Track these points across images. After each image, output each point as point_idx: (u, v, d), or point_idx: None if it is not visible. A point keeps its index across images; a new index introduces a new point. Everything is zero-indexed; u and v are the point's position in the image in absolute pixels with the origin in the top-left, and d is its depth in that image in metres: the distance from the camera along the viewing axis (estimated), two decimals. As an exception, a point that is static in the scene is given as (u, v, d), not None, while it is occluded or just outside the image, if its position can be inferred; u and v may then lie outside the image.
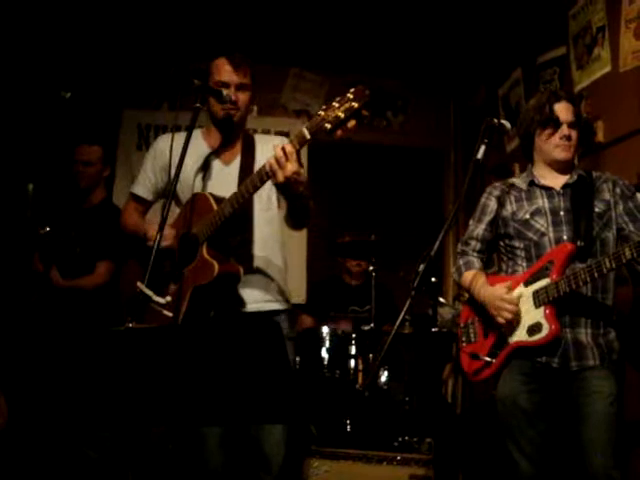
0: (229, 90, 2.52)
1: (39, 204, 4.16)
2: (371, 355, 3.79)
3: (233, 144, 2.65)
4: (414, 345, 4.00)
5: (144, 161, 2.74)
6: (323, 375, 3.79)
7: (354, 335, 3.85)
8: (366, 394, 3.71)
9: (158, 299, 2.27)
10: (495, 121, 2.46)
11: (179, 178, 2.34)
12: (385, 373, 3.82)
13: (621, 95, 3.48)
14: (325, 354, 3.82)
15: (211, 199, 2.42)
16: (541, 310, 2.46)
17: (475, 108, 5.39)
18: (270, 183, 2.31)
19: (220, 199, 2.41)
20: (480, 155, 2.41)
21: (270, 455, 2.53)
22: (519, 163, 4.28)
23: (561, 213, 2.56)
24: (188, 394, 1.59)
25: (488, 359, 2.57)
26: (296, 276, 4.58)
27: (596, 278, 2.37)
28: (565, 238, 2.51)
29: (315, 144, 2.29)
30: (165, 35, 4.95)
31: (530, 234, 2.57)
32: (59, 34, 4.74)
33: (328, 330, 3.89)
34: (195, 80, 2.44)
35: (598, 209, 2.54)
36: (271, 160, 2.21)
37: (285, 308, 2.63)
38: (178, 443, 2.97)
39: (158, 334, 1.72)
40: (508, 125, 2.50)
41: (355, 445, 3.42)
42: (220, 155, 2.64)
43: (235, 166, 2.60)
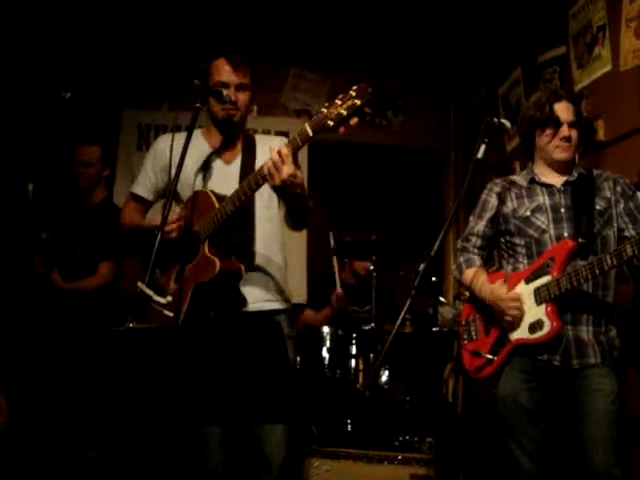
0: (229, 90, 2.52)
1: (39, 204, 4.16)
2: (372, 355, 3.79)
3: (234, 144, 2.65)
4: (415, 344, 3.99)
5: (144, 161, 2.74)
6: (324, 375, 3.79)
7: (355, 335, 3.85)
8: (367, 394, 3.70)
9: (159, 299, 2.26)
10: (495, 120, 2.46)
11: (179, 178, 2.34)
12: (386, 373, 3.81)
13: (621, 94, 3.48)
14: (326, 354, 3.81)
15: (212, 197, 2.42)
16: (542, 307, 2.46)
17: (475, 108, 5.39)
18: None
19: (221, 197, 2.40)
20: (480, 154, 2.41)
21: (270, 455, 2.53)
22: (520, 161, 4.28)
23: (562, 210, 2.55)
24: (189, 394, 1.59)
25: (489, 357, 2.57)
26: (296, 276, 4.58)
27: (597, 275, 2.37)
28: (566, 235, 2.51)
29: (315, 144, 2.29)
30: (165, 35, 4.95)
31: (531, 231, 2.57)
32: (59, 34, 4.74)
33: (329, 330, 3.89)
34: (195, 80, 2.44)
35: (599, 207, 2.53)
36: (268, 163, 2.20)
37: (285, 307, 2.63)
38: (178, 443, 2.97)
39: (158, 334, 1.71)
40: (508, 124, 2.50)
41: (356, 445, 3.42)
42: (221, 155, 2.64)
43: (236, 165, 2.60)
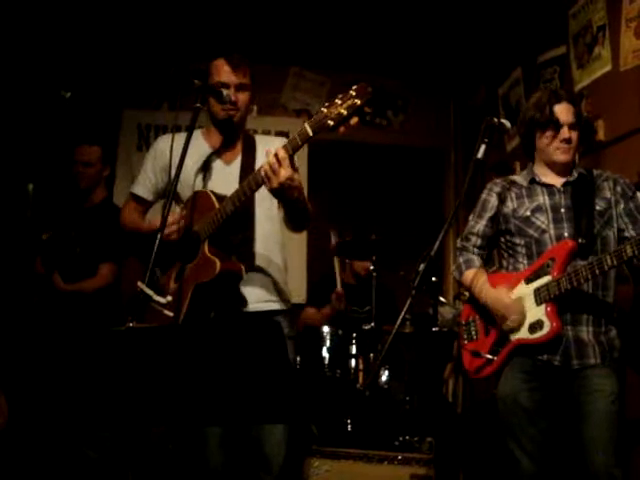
0: (229, 90, 2.52)
1: (39, 204, 4.16)
2: (372, 354, 3.79)
3: (234, 144, 2.65)
4: (415, 344, 3.99)
5: (144, 161, 2.73)
6: (324, 374, 3.78)
7: (355, 334, 3.85)
8: (367, 393, 3.70)
9: (159, 299, 2.25)
10: (495, 120, 2.47)
11: (179, 178, 2.33)
12: (386, 372, 3.81)
13: (622, 94, 3.48)
14: (326, 353, 3.81)
15: (212, 197, 2.41)
16: (542, 307, 2.46)
17: (475, 108, 5.39)
18: None
19: (221, 197, 2.40)
20: (480, 154, 2.42)
21: (271, 455, 2.53)
22: (520, 161, 4.28)
23: (562, 210, 2.55)
24: (189, 394, 1.59)
25: (489, 357, 2.57)
26: (296, 276, 4.58)
27: (597, 275, 2.37)
28: (566, 235, 2.51)
29: (315, 144, 2.29)
30: (165, 35, 4.95)
31: (531, 231, 2.57)
32: (59, 34, 4.74)
33: (329, 329, 3.88)
34: (195, 80, 2.44)
35: (599, 207, 2.53)
36: (265, 166, 2.19)
37: (285, 308, 2.63)
38: (178, 443, 2.97)
39: (159, 334, 1.71)
40: (508, 124, 2.51)
41: (356, 444, 3.42)
42: (221, 155, 2.63)
43: (236, 165, 2.60)
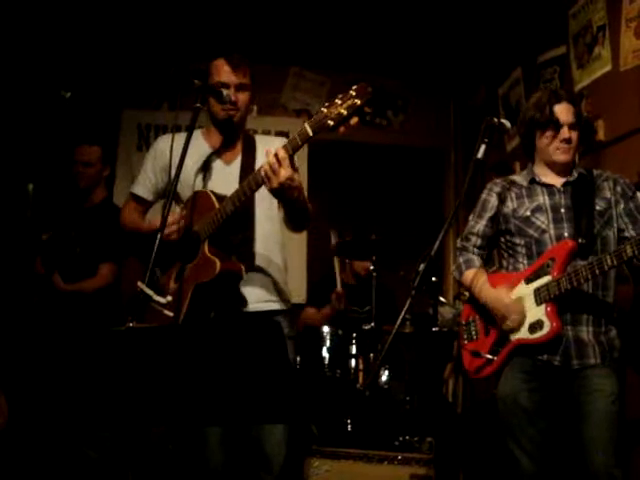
0: (229, 90, 2.52)
1: (39, 204, 4.16)
2: (372, 354, 3.79)
3: (234, 144, 2.64)
4: (415, 344, 3.99)
5: (144, 161, 2.73)
6: (324, 374, 3.78)
7: (355, 334, 3.85)
8: (367, 393, 3.70)
9: (159, 298, 2.25)
10: (495, 120, 2.47)
11: (179, 178, 2.33)
12: (386, 372, 3.81)
13: (622, 94, 3.48)
14: (326, 353, 3.81)
15: (213, 197, 2.41)
16: (542, 308, 2.46)
17: (475, 108, 5.39)
18: None
19: (222, 197, 2.40)
20: (480, 154, 2.42)
21: (271, 455, 2.52)
22: (520, 162, 4.28)
23: (562, 210, 2.55)
24: (189, 394, 1.59)
25: (489, 357, 2.57)
26: (296, 276, 4.58)
27: (597, 275, 2.37)
28: (566, 235, 2.51)
29: (315, 143, 2.29)
30: (165, 35, 4.95)
31: (531, 231, 2.57)
32: (59, 34, 4.74)
33: (329, 329, 3.88)
34: (195, 80, 2.44)
35: (599, 207, 2.53)
36: (264, 166, 2.20)
37: (285, 308, 2.63)
38: (178, 443, 2.97)
39: (159, 334, 1.71)
40: (508, 124, 2.51)
41: (356, 444, 3.42)
42: (221, 155, 2.63)
43: (236, 166, 2.60)
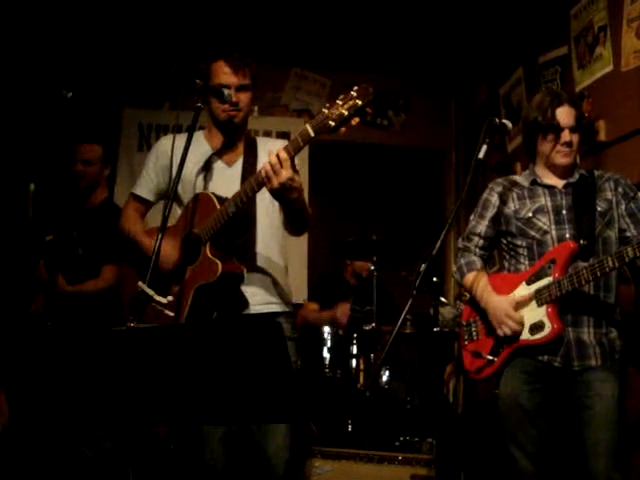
0: (230, 91, 2.52)
1: (40, 204, 4.16)
2: (372, 355, 3.79)
3: (235, 145, 2.64)
4: (415, 345, 4.00)
5: (146, 162, 2.72)
6: (324, 375, 3.79)
7: (355, 335, 3.85)
8: (367, 394, 3.70)
9: (159, 299, 2.24)
10: (497, 121, 2.46)
11: (181, 179, 2.33)
12: (386, 373, 3.81)
13: (623, 95, 3.48)
14: (326, 354, 3.82)
15: (214, 199, 2.41)
16: (543, 309, 2.45)
17: (476, 108, 5.39)
18: None
19: (223, 199, 2.39)
20: (482, 155, 2.42)
21: (273, 459, 2.52)
22: (521, 162, 4.28)
23: (563, 212, 2.55)
24: (189, 395, 1.58)
25: (490, 357, 2.57)
26: (296, 276, 4.58)
27: (599, 277, 2.36)
28: (568, 236, 2.51)
29: (316, 144, 2.29)
30: (166, 34, 4.96)
31: (533, 232, 2.56)
32: (60, 33, 4.75)
33: (329, 330, 3.88)
34: (197, 80, 2.43)
35: (600, 208, 2.53)
36: (266, 167, 2.20)
37: (286, 309, 2.62)
38: (179, 444, 2.97)
39: (159, 334, 1.71)
40: (509, 125, 2.51)
41: (356, 445, 3.42)
42: (222, 156, 2.63)
43: (238, 167, 2.59)
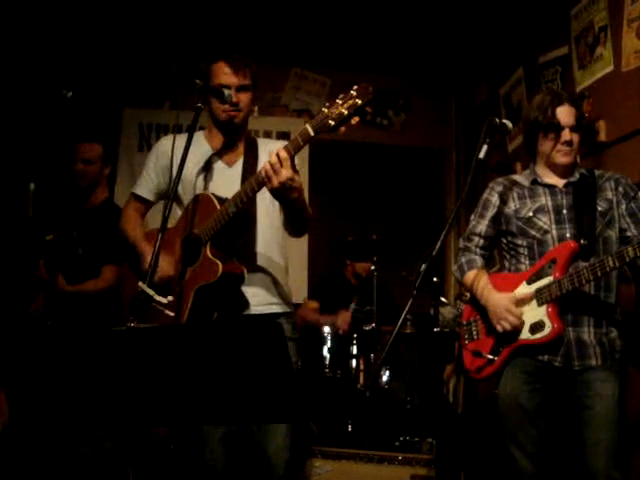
0: (230, 92, 2.52)
1: (40, 203, 4.16)
2: (372, 355, 3.79)
3: (236, 145, 2.64)
4: (416, 345, 3.99)
5: (146, 162, 2.72)
6: (324, 375, 3.79)
7: (355, 335, 3.85)
8: (367, 394, 3.70)
9: (160, 299, 2.24)
10: (497, 121, 2.46)
11: (181, 179, 2.33)
12: (386, 373, 3.82)
13: (623, 95, 3.48)
14: (326, 354, 3.82)
15: (214, 199, 2.41)
16: (544, 308, 2.45)
17: (477, 108, 5.39)
18: None
19: (223, 199, 2.39)
20: (482, 154, 2.42)
21: (274, 459, 2.52)
22: (521, 162, 4.28)
23: (564, 211, 2.55)
24: (189, 395, 1.58)
25: (490, 357, 2.57)
26: (296, 276, 4.57)
27: (599, 277, 2.36)
28: (568, 236, 2.51)
29: (316, 143, 2.29)
30: (166, 34, 4.96)
31: (533, 232, 2.56)
32: (60, 33, 4.75)
33: (329, 330, 3.88)
34: (197, 80, 2.43)
35: (601, 207, 2.53)
36: (266, 166, 2.20)
37: (287, 310, 2.62)
38: (179, 444, 2.96)
39: (159, 334, 1.71)
40: (510, 125, 2.51)
41: (356, 445, 3.42)
42: (223, 156, 2.63)
43: (238, 167, 2.59)
